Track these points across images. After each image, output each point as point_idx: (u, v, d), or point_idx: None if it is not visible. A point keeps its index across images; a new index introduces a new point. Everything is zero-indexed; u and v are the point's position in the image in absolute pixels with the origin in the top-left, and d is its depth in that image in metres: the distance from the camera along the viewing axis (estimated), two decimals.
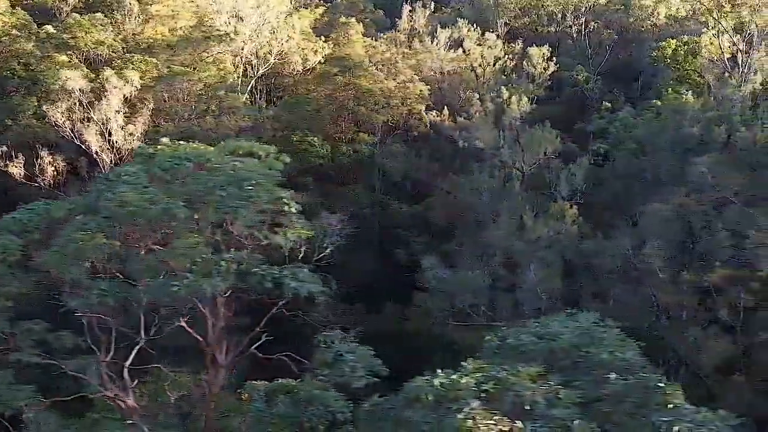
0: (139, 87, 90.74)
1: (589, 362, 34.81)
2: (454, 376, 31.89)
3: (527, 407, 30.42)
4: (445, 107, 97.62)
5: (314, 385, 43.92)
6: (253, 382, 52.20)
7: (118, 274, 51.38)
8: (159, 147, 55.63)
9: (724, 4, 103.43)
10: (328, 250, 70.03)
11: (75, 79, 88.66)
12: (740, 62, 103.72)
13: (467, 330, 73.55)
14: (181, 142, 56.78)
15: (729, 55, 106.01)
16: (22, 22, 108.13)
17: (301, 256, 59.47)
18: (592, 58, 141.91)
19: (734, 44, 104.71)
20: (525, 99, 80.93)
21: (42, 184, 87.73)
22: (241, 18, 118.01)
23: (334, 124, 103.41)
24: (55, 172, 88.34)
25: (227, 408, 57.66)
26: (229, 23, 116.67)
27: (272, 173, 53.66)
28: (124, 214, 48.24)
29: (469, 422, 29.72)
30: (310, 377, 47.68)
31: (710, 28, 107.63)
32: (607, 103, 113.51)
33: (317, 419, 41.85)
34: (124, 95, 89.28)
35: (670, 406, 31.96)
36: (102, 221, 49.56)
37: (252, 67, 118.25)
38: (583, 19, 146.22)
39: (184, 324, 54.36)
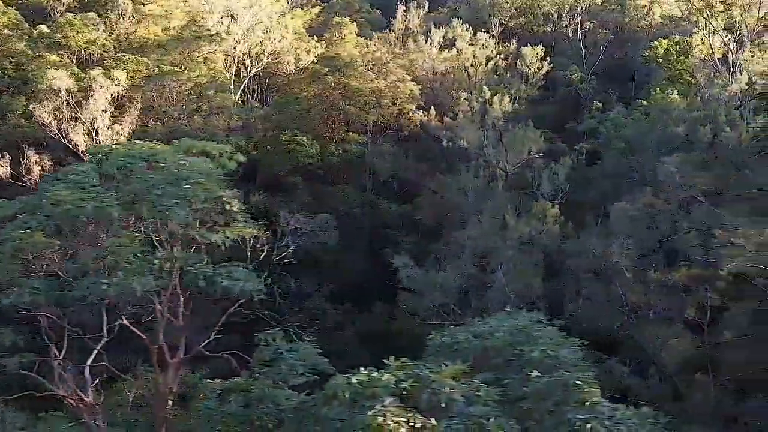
0: (126, 87, 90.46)
1: (521, 360, 34.86)
2: (375, 374, 31.91)
3: (443, 405, 30.34)
4: (433, 107, 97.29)
5: (266, 384, 43.71)
6: (209, 380, 52.04)
7: (58, 272, 51.08)
8: (114, 146, 55.61)
9: (714, 4, 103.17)
10: (290, 250, 68.79)
11: (62, 79, 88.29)
12: (731, 62, 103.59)
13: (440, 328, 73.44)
14: (137, 141, 56.65)
15: (720, 55, 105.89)
16: (14, 22, 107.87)
17: (263, 255, 59.35)
18: (587, 58, 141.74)
19: (725, 44, 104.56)
20: (507, 99, 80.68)
21: (28, 183, 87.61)
22: (234, 17, 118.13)
23: (324, 124, 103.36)
24: (42, 171, 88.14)
25: (181, 406, 57.65)
26: (222, 23, 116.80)
27: (215, 172, 53.32)
28: (59, 212, 48.16)
29: (380, 419, 29.68)
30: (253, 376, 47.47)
31: (701, 28, 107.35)
32: (598, 103, 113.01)
33: (267, 417, 41.72)
34: (111, 95, 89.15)
35: (588, 403, 32.07)
36: (43, 220, 49.42)
37: (245, 67, 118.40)
38: (579, 19, 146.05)
39: (126, 322, 54.13)
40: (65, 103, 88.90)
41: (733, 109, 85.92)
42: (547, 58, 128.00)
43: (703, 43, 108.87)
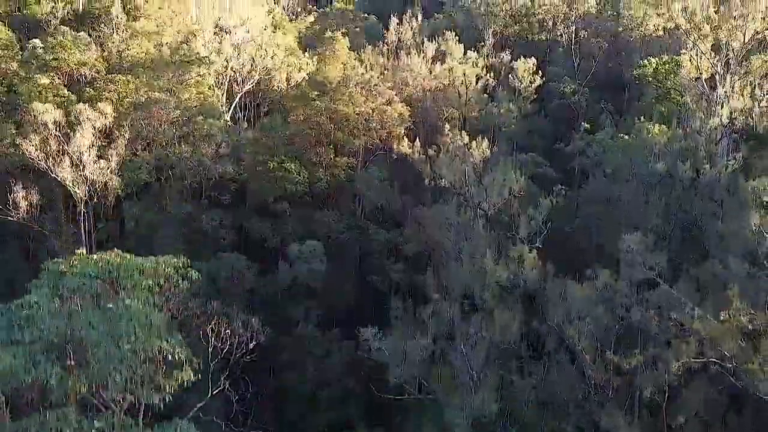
0: (112, 120, 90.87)
1: None
2: None
3: None
4: (418, 139, 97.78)
5: None
6: None
7: None
8: (72, 263, 56.46)
9: (701, 27, 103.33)
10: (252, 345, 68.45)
11: (48, 112, 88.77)
12: (718, 83, 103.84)
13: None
14: (94, 257, 57.35)
15: (708, 76, 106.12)
16: (6, 43, 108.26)
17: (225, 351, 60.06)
18: (581, 69, 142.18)
19: (713, 65, 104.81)
20: (485, 144, 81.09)
21: (16, 218, 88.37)
22: (227, 31, 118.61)
23: (313, 149, 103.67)
24: (29, 206, 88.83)
25: None
26: (215, 39, 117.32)
27: (157, 321, 53.35)
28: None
29: None
30: None
31: (689, 49, 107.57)
32: (586, 124, 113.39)
33: None
34: (98, 127, 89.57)
35: None
36: None
37: (237, 83, 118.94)
38: (573, 28, 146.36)
39: None
40: (52, 135, 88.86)
41: (713, 143, 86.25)
42: (539, 72, 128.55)
43: (691, 62, 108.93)
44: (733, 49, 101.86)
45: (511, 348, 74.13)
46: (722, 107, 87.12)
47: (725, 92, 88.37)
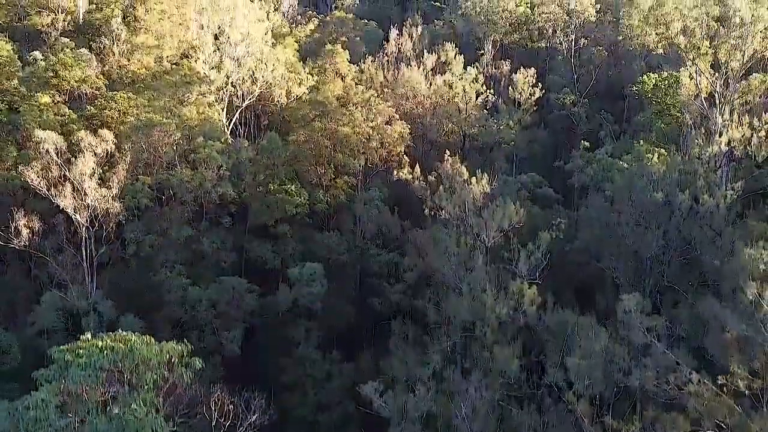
0: (113, 147, 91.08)
1: None
2: None
3: None
4: (417, 164, 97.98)
5: None
6: None
7: None
8: (77, 350, 57.05)
9: (700, 46, 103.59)
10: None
11: (50, 141, 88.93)
12: (717, 105, 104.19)
13: None
14: (99, 343, 57.82)
15: (706, 95, 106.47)
16: (7, 59, 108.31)
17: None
18: (581, 78, 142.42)
19: (712, 84, 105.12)
20: (485, 179, 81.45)
21: (17, 246, 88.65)
22: (228, 44, 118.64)
23: (313, 170, 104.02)
24: (30, 233, 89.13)
25: None
26: (214, 56, 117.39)
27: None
28: None
29: None
30: None
31: (688, 67, 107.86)
32: (585, 143, 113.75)
33: None
34: (99, 153, 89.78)
35: None
36: None
37: (237, 97, 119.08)
38: (573, 37, 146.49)
39: None
40: (54, 162, 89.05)
41: (712, 171, 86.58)
42: (539, 83, 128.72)
43: (691, 79, 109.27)
44: (731, 69, 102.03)
45: (510, 383, 74.48)
46: (720, 135, 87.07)
47: (723, 120, 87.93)
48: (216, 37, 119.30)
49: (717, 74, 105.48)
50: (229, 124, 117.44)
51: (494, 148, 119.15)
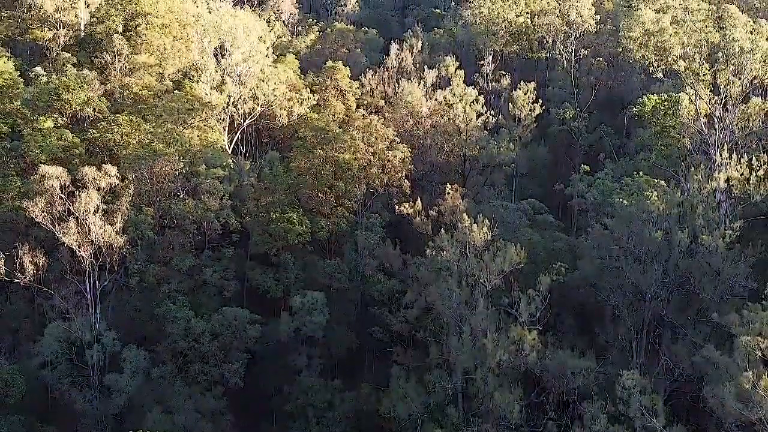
0: (116, 182, 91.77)
1: None
2: None
3: None
4: (419, 199, 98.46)
5: None
6: None
7: None
8: None
9: (699, 71, 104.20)
10: None
11: (53, 178, 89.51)
12: (716, 126, 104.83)
13: None
14: None
15: (705, 118, 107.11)
16: (9, 83, 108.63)
17: None
18: (580, 89, 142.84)
19: (711, 108, 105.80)
20: (486, 229, 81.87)
21: (22, 282, 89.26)
22: (233, 62, 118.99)
23: (314, 197, 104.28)
24: (35, 269, 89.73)
25: None
26: (215, 76, 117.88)
27: None
28: None
29: None
30: None
31: (687, 90, 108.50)
32: (585, 166, 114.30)
33: None
34: (102, 188, 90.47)
35: None
36: None
37: (239, 116, 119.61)
38: (573, 48, 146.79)
39: None
40: (57, 197, 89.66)
41: (711, 209, 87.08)
42: (539, 99, 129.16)
43: (691, 102, 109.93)
44: (730, 95, 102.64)
45: (510, 426, 75.38)
46: (719, 172, 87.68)
47: (722, 158, 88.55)
48: (217, 58, 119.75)
49: (716, 98, 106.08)
50: (231, 143, 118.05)
51: (494, 169, 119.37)
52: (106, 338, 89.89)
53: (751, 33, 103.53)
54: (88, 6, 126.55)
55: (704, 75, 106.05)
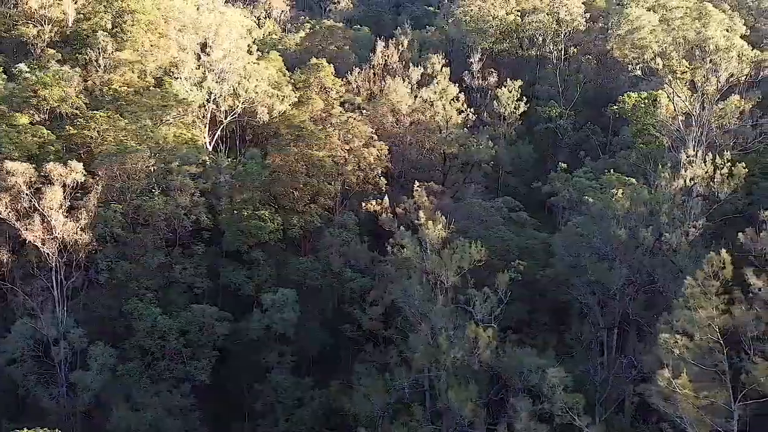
0: (83, 178, 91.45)
1: None
2: None
3: None
4: (386, 196, 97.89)
5: None
6: None
7: None
8: None
9: (677, 69, 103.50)
10: None
11: (18, 174, 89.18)
12: (693, 123, 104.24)
13: None
14: None
15: (683, 116, 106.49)
16: None
17: None
18: (568, 90, 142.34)
19: (688, 106, 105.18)
20: (441, 226, 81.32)
21: None
22: (213, 59, 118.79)
23: (288, 195, 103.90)
24: None
25: None
26: (195, 73, 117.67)
27: None
28: None
29: None
30: None
31: (665, 88, 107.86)
32: (562, 164, 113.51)
33: None
34: (69, 183, 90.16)
35: None
36: None
37: (221, 113, 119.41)
38: (562, 46, 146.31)
39: None
40: (23, 195, 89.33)
41: (677, 207, 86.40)
42: (523, 97, 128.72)
43: (669, 99, 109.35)
44: (707, 93, 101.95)
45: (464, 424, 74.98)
46: (685, 170, 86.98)
47: (688, 156, 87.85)
48: (199, 55, 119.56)
49: (695, 96, 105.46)
50: (212, 141, 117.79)
51: (474, 167, 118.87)
52: (73, 335, 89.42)
53: (728, 30, 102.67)
54: (75, 2, 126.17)
55: (682, 73, 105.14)
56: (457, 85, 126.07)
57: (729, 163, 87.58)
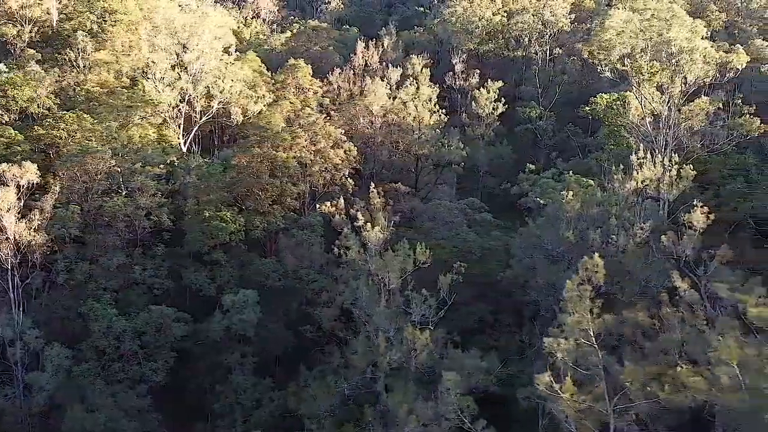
0: (37, 179, 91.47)
1: None
2: None
3: None
4: (342, 199, 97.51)
5: None
6: None
7: None
8: None
9: (642, 71, 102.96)
10: None
11: None
12: (661, 126, 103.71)
13: None
14: None
15: (651, 117, 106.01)
16: None
17: None
18: (549, 91, 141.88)
19: (656, 107, 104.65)
20: (379, 226, 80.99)
21: None
22: (186, 60, 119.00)
23: (251, 196, 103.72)
24: None
25: None
26: (169, 73, 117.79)
27: None
28: None
29: None
30: None
31: (634, 90, 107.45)
32: (531, 165, 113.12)
33: None
34: (23, 185, 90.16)
35: None
36: None
37: (195, 113, 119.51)
38: (547, 47, 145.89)
39: None
40: None
41: (627, 209, 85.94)
42: (502, 98, 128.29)
43: (638, 100, 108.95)
44: (672, 95, 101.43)
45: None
46: (637, 172, 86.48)
47: (638, 158, 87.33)
48: (177, 54, 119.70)
49: (663, 97, 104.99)
50: (186, 142, 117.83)
51: (444, 168, 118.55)
52: (29, 336, 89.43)
53: (691, 32, 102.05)
54: (60, 2, 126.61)
55: (650, 75, 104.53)
56: (438, 86, 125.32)
57: (677, 166, 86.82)
